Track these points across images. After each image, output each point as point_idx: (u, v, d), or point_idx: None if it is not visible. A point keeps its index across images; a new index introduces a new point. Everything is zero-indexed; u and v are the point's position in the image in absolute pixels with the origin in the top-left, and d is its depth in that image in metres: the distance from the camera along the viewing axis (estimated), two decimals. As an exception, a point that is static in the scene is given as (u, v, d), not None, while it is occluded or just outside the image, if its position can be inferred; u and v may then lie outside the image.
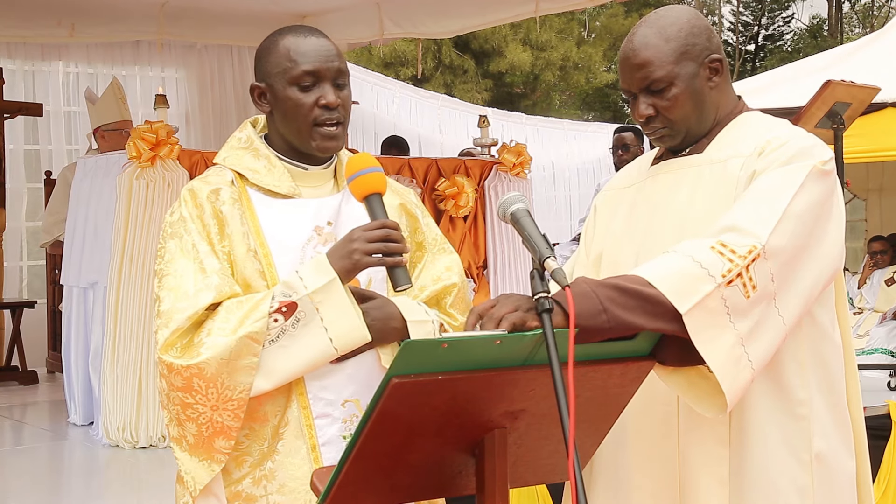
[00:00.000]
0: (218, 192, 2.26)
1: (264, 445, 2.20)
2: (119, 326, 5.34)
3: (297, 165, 2.32)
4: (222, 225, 2.24)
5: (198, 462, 2.17)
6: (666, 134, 2.24)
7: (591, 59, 24.51)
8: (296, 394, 2.20)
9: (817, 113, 5.24)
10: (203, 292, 2.15)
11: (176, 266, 2.20)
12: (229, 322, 2.12)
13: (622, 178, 2.45)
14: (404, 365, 1.66)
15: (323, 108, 2.23)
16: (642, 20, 2.28)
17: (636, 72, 2.20)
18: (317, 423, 2.20)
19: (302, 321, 2.13)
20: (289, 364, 2.14)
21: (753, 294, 1.98)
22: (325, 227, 2.28)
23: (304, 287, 2.13)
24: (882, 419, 5.16)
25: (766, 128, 2.23)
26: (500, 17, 9.19)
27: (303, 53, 2.23)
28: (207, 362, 2.09)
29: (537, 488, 4.08)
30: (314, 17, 8.80)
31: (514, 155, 6.89)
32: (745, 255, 1.98)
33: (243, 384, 2.11)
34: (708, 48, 2.23)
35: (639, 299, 1.93)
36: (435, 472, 1.86)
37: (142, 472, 5.00)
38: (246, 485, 2.20)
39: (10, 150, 8.45)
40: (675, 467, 2.16)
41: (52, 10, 8.20)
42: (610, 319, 1.90)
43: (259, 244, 2.23)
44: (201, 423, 2.13)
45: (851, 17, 31.71)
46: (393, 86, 12.52)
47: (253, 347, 2.11)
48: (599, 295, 1.91)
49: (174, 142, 5.47)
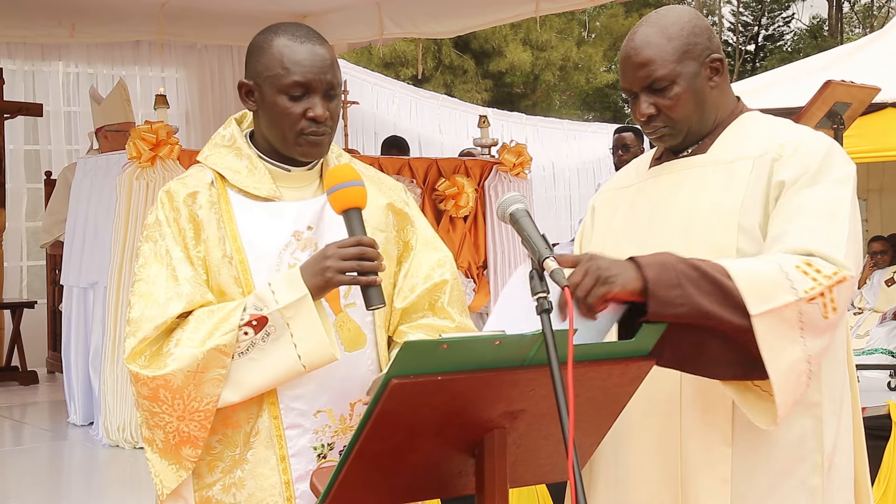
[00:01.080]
0: (195, 196, 2.21)
1: (235, 452, 2.17)
2: (119, 326, 5.33)
3: (279, 167, 2.26)
4: (198, 229, 2.19)
5: (167, 465, 2.15)
6: (667, 133, 2.23)
7: (591, 60, 24.51)
8: (267, 403, 2.16)
9: (817, 113, 5.23)
10: (173, 301, 2.12)
11: (149, 271, 2.16)
12: (198, 333, 2.08)
13: (620, 178, 2.45)
14: (404, 365, 1.66)
15: (310, 121, 2.17)
16: (643, 20, 2.27)
17: (638, 70, 2.20)
18: (287, 434, 2.16)
19: (272, 336, 2.08)
20: (257, 377, 2.10)
21: (833, 316, 1.99)
22: (305, 232, 2.22)
23: (275, 301, 2.08)
24: (882, 419, 5.15)
25: (772, 128, 2.23)
26: (500, 17, 9.19)
27: (296, 62, 2.16)
28: (174, 374, 2.06)
29: (537, 488, 4.08)
30: (314, 17, 8.79)
31: (514, 155, 6.89)
32: (829, 275, 1.99)
33: (210, 396, 2.08)
34: (709, 48, 2.23)
35: (714, 286, 1.94)
36: (435, 472, 1.86)
37: (142, 472, 4.99)
38: (216, 491, 2.18)
39: (10, 150, 8.45)
40: (677, 466, 2.16)
41: (52, 10, 8.20)
42: (683, 296, 1.92)
43: (235, 249, 2.18)
44: (168, 432, 2.11)
45: (851, 17, 31.70)
46: (393, 86, 12.52)
47: (221, 360, 2.07)
48: (678, 270, 1.93)
49: (174, 142, 5.47)
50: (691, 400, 2.14)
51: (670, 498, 2.17)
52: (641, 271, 1.92)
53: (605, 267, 1.92)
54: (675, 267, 1.94)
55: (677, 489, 2.16)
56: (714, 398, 2.12)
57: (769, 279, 1.96)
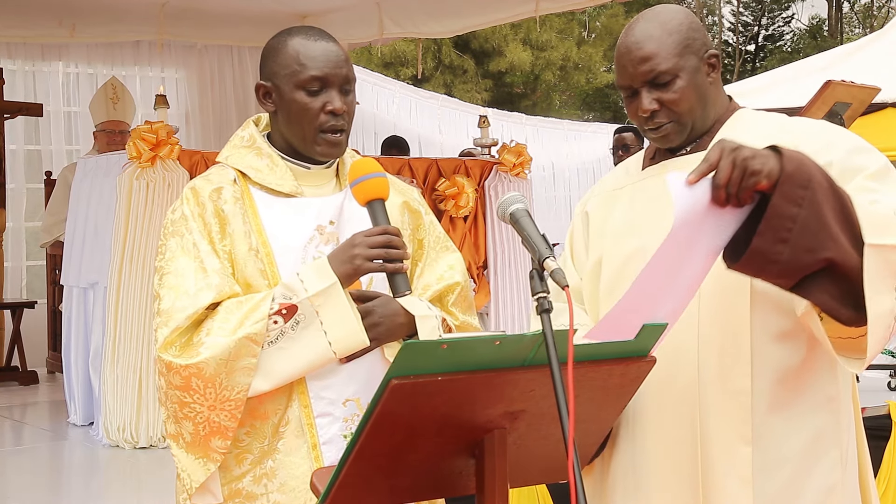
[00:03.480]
0: (220, 191, 2.27)
1: (264, 443, 2.20)
2: (119, 326, 5.34)
3: (299, 164, 2.32)
4: (224, 224, 2.24)
5: (194, 459, 2.18)
6: (672, 130, 2.20)
7: (591, 60, 24.52)
8: (297, 393, 2.20)
9: (817, 113, 5.23)
10: (203, 291, 2.16)
11: (177, 264, 2.20)
12: (229, 322, 2.13)
13: (610, 181, 2.41)
14: (404, 366, 1.66)
15: (329, 114, 2.23)
16: (638, 17, 2.25)
17: (640, 65, 2.16)
18: (318, 423, 2.21)
19: (301, 324, 2.13)
20: (287, 366, 2.15)
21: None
22: (328, 227, 2.29)
23: (304, 290, 2.13)
24: (882, 419, 5.14)
25: (777, 120, 2.24)
26: (500, 17, 9.19)
27: (312, 58, 2.23)
28: (206, 362, 2.10)
29: (537, 488, 4.08)
30: (314, 18, 8.79)
31: (514, 155, 6.89)
32: None
33: (241, 385, 2.12)
34: (706, 44, 2.22)
35: (839, 202, 1.89)
36: (435, 472, 1.86)
37: (142, 472, 5.00)
38: (246, 482, 2.20)
39: (10, 150, 8.45)
40: (697, 467, 2.13)
41: (52, 10, 8.20)
42: (807, 198, 1.86)
43: (261, 243, 2.24)
44: (198, 423, 2.14)
45: (851, 17, 31.70)
46: (393, 86, 12.51)
47: (252, 348, 2.11)
48: (812, 173, 1.88)
49: (174, 142, 5.47)
50: (710, 400, 2.12)
51: (691, 499, 2.14)
52: (781, 161, 1.87)
53: (751, 156, 1.87)
54: (810, 169, 1.89)
55: (698, 491, 2.13)
56: (733, 396, 2.10)
57: (884, 217, 1.92)
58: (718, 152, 1.88)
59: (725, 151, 1.88)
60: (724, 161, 1.87)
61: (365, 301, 2.20)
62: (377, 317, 2.19)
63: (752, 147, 1.89)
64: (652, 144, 2.34)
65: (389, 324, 2.20)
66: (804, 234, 1.87)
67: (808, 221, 1.87)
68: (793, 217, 1.86)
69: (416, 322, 2.21)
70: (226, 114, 9.67)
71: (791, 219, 1.86)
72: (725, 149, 1.88)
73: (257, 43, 9.95)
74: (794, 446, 2.11)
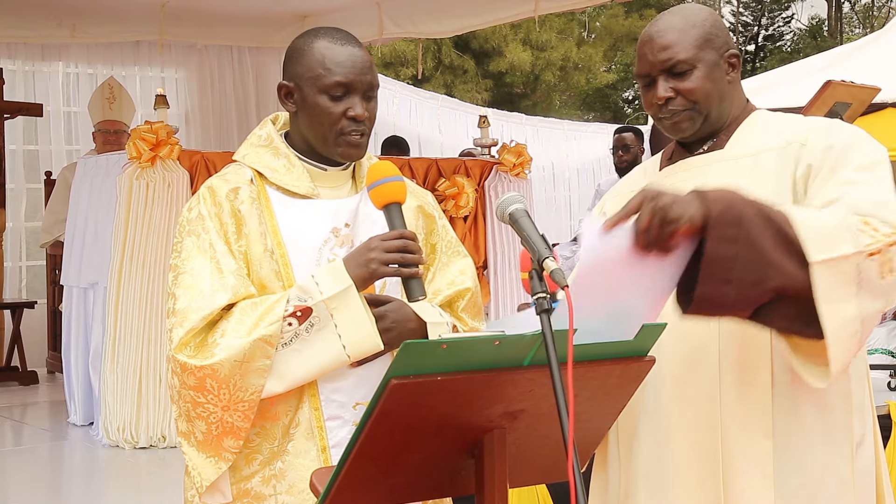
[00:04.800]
0: (237, 191, 2.27)
1: (274, 444, 2.21)
2: (119, 326, 5.34)
3: (316, 166, 2.32)
4: (240, 224, 2.24)
5: (205, 458, 2.18)
6: (684, 118, 2.22)
7: (591, 60, 24.51)
8: (308, 395, 2.21)
9: (817, 113, 5.23)
10: (219, 293, 2.16)
11: (193, 264, 2.20)
12: (244, 324, 2.13)
13: (627, 183, 2.44)
14: (403, 366, 1.66)
15: (350, 120, 2.23)
16: (664, 11, 2.31)
17: (660, 52, 2.21)
18: (328, 425, 2.21)
19: (316, 326, 2.13)
20: (301, 368, 2.15)
21: (888, 278, 1.96)
22: (343, 229, 2.29)
23: (319, 293, 2.13)
24: (882, 419, 5.15)
25: (791, 120, 2.25)
26: (500, 17, 9.19)
27: (338, 63, 2.22)
28: (221, 364, 2.10)
29: (537, 488, 4.08)
30: (314, 18, 8.79)
31: (514, 155, 6.89)
32: (888, 234, 1.96)
33: (255, 386, 2.12)
34: (727, 42, 2.26)
35: (775, 230, 1.90)
36: (434, 472, 1.87)
37: (142, 472, 5.00)
38: (255, 483, 2.21)
39: (10, 150, 8.44)
40: (718, 462, 2.14)
41: (52, 11, 8.20)
42: (741, 235, 1.87)
43: (276, 244, 2.24)
44: (211, 423, 2.14)
45: (851, 17, 31.71)
46: (393, 86, 12.50)
47: (266, 350, 2.11)
48: (741, 209, 1.89)
49: (174, 142, 5.47)
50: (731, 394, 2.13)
51: (713, 496, 2.15)
52: (707, 204, 1.89)
53: (670, 204, 1.88)
54: (738, 206, 1.90)
55: (719, 486, 2.14)
56: (753, 390, 2.12)
57: (830, 229, 1.93)
58: (639, 200, 1.91)
59: (646, 199, 1.90)
60: (644, 209, 1.89)
61: (378, 305, 2.20)
62: (390, 321, 2.19)
63: (673, 194, 1.91)
64: (669, 146, 2.36)
65: (401, 329, 2.20)
66: (746, 271, 1.90)
67: (746, 258, 1.89)
68: (731, 257, 1.89)
69: (428, 328, 2.21)
70: (226, 114, 9.67)
71: (730, 259, 1.89)
72: (647, 196, 1.90)
73: (257, 43, 9.98)
74: (813, 441, 2.12)
